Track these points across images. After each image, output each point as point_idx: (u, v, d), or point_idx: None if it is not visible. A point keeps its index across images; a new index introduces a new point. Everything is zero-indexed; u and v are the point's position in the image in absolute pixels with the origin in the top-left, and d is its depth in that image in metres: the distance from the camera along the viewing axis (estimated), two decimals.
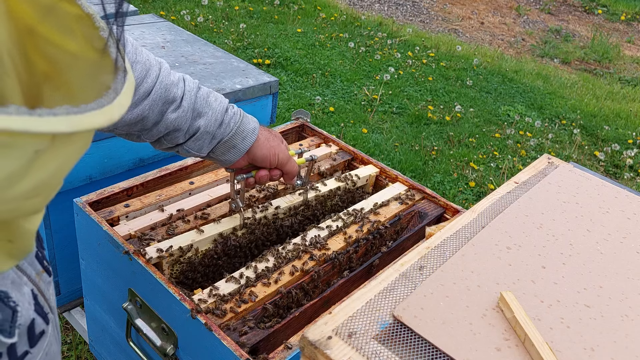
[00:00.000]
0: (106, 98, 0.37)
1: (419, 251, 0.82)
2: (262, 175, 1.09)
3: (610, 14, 8.08)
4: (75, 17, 0.40)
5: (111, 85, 0.39)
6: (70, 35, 0.39)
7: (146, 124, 0.95)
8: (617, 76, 5.94)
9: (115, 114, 0.37)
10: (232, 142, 1.02)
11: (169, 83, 0.95)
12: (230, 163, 1.05)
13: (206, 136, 1.00)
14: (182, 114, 0.96)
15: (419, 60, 5.14)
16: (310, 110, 3.87)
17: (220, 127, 1.00)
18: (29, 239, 0.43)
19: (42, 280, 0.52)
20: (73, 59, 0.39)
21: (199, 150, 1.01)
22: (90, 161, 1.31)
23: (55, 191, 0.41)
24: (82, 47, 0.39)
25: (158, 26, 1.85)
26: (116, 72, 0.40)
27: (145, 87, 0.91)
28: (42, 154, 0.34)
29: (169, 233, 1.11)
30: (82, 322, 1.52)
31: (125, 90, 0.40)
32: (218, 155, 1.03)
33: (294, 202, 1.26)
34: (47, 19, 0.38)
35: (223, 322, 0.94)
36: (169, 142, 1.00)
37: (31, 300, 0.49)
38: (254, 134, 1.03)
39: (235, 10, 5.48)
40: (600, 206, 0.99)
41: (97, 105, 0.36)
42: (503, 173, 3.50)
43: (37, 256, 0.53)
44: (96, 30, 0.41)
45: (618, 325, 0.73)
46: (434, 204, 1.35)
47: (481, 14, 7.38)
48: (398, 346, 0.66)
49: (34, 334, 0.49)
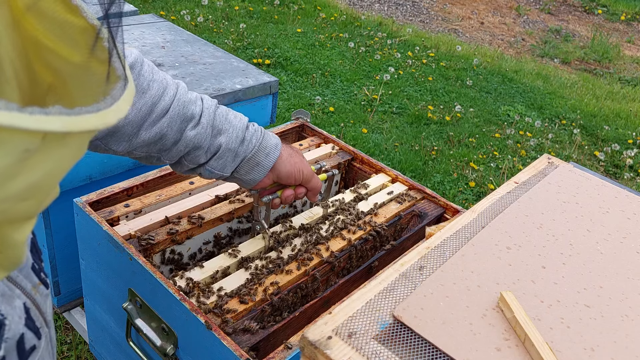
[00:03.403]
0: (103, 103, 0.37)
1: (419, 251, 0.82)
2: (288, 195, 1.07)
3: (610, 14, 8.09)
4: (80, 29, 0.40)
5: (110, 92, 0.39)
6: (75, 47, 0.39)
7: (165, 143, 0.93)
8: (617, 76, 5.94)
9: (111, 118, 0.37)
10: (255, 159, 0.99)
11: (187, 101, 0.93)
12: (255, 182, 1.02)
13: (228, 154, 0.97)
14: (202, 131, 0.94)
15: (419, 60, 5.14)
16: (310, 110, 3.87)
17: (242, 144, 0.98)
18: (18, 250, 0.43)
19: (38, 293, 0.51)
20: (77, 70, 0.39)
21: (222, 170, 0.99)
22: (90, 161, 1.31)
23: (49, 197, 0.41)
24: (86, 58, 0.40)
25: (158, 26, 1.85)
26: (117, 80, 0.40)
27: (163, 105, 0.90)
28: (33, 154, 0.34)
29: (170, 233, 1.11)
30: (82, 322, 1.52)
31: (124, 97, 0.40)
32: (242, 175, 1.01)
33: (314, 217, 1.24)
34: (53, 31, 0.38)
35: (223, 322, 0.94)
36: (190, 163, 0.97)
37: (22, 314, 0.48)
38: (277, 149, 1.01)
39: (235, 10, 5.48)
40: (600, 206, 0.99)
41: (94, 109, 0.36)
42: (503, 173, 3.50)
43: (34, 268, 0.52)
44: (100, 40, 0.41)
45: (618, 325, 0.73)
46: (434, 204, 1.35)
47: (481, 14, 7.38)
48: (398, 346, 0.66)
49: (23, 349, 0.48)
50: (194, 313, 0.91)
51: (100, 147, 0.90)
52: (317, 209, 1.27)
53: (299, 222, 1.22)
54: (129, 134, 0.89)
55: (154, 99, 0.89)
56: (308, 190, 1.10)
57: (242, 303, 0.99)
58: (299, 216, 1.24)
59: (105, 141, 0.89)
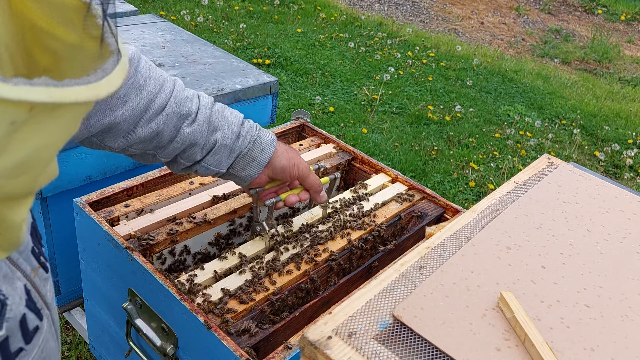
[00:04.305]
0: (94, 76, 0.37)
1: (419, 251, 0.82)
2: (293, 200, 1.08)
3: (610, 14, 8.09)
4: (74, 8, 0.40)
5: (102, 66, 0.39)
6: (70, 27, 0.39)
7: (162, 140, 0.93)
8: (617, 76, 5.94)
9: (102, 90, 0.37)
10: (251, 154, 1.00)
11: (183, 98, 0.94)
12: (251, 178, 1.02)
13: (224, 149, 0.98)
14: (198, 128, 0.94)
15: (419, 60, 5.14)
16: (310, 110, 3.87)
17: (237, 140, 0.99)
18: (16, 231, 0.43)
19: (37, 276, 0.53)
20: (73, 50, 0.39)
21: (218, 166, 0.99)
22: (90, 161, 1.30)
23: (45, 175, 0.40)
24: (81, 37, 0.40)
25: (158, 26, 1.85)
26: (110, 55, 0.41)
27: (160, 102, 0.90)
28: (21, 126, 0.33)
29: (170, 234, 1.11)
30: (82, 322, 1.52)
31: (117, 70, 0.40)
32: (238, 171, 1.01)
33: (314, 218, 1.24)
34: (49, 13, 0.38)
35: (223, 322, 0.94)
36: (186, 160, 0.97)
37: (23, 295, 0.49)
38: (272, 145, 1.01)
39: (235, 10, 5.48)
40: (600, 206, 0.99)
41: (84, 82, 0.36)
42: (503, 173, 3.50)
43: (34, 252, 0.53)
44: (93, 18, 0.41)
45: (618, 325, 0.73)
46: (433, 204, 1.35)
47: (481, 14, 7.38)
48: (398, 346, 0.66)
49: (27, 329, 0.49)
50: (193, 313, 0.91)
51: (95, 144, 0.90)
52: (317, 210, 1.27)
53: (299, 222, 1.22)
54: (125, 131, 0.89)
55: (151, 95, 0.89)
56: (308, 188, 1.10)
57: (242, 303, 0.99)
58: (299, 217, 1.24)
59: (101, 137, 0.89)
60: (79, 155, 1.26)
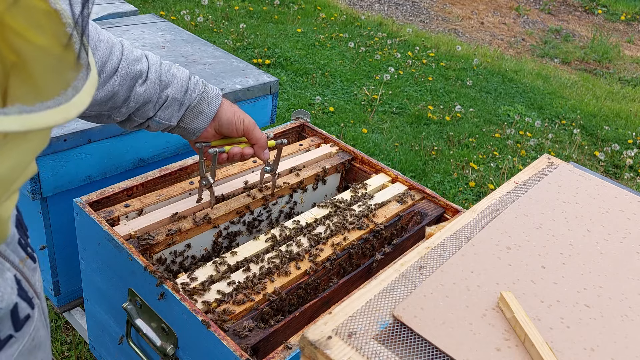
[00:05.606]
0: (64, 96, 0.38)
1: (419, 251, 0.82)
2: (236, 152, 1.12)
3: (610, 14, 8.09)
4: (44, 12, 0.41)
5: (72, 84, 0.40)
6: (39, 30, 0.40)
7: (117, 101, 0.98)
8: (617, 76, 5.94)
9: (72, 112, 0.38)
10: (199, 107, 1.06)
11: (133, 59, 0.99)
12: (200, 131, 1.08)
13: (175, 103, 1.04)
14: (150, 86, 1.00)
15: (418, 60, 5.14)
16: (310, 110, 3.87)
17: (186, 94, 1.05)
18: (2, 225, 0.44)
19: (26, 266, 0.54)
20: (40, 53, 0.40)
21: (169, 120, 1.05)
22: (90, 161, 1.30)
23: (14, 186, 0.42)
24: (49, 42, 0.41)
25: (158, 26, 1.85)
26: (79, 69, 0.41)
27: (112, 64, 0.95)
28: None
29: (170, 234, 1.11)
30: (82, 322, 1.52)
31: (86, 88, 0.41)
32: (187, 124, 1.07)
33: (314, 218, 1.24)
34: (16, 11, 0.38)
35: (223, 322, 0.94)
36: (139, 118, 1.03)
37: (14, 285, 0.50)
38: (218, 98, 1.09)
39: (235, 10, 5.48)
40: (600, 206, 0.99)
41: (54, 104, 0.37)
42: (503, 173, 3.50)
43: (20, 243, 0.54)
44: (63, 26, 0.42)
45: (618, 325, 0.73)
46: (433, 204, 1.35)
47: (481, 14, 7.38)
48: (398, 346, 0.66)
49: (18, 318, 0.50)
50: (193, 313, 0.91)
51: None
52: (317, 210, 1.27)
53: (299, 222, 1.22)
54: None
55: (103, 59, 0.93)
56: (253, 144, 1.14)
57: (242, 303, 0.99)
58: (299, 216, 1.24)
59: None
60: (79, 155, 1.26)
